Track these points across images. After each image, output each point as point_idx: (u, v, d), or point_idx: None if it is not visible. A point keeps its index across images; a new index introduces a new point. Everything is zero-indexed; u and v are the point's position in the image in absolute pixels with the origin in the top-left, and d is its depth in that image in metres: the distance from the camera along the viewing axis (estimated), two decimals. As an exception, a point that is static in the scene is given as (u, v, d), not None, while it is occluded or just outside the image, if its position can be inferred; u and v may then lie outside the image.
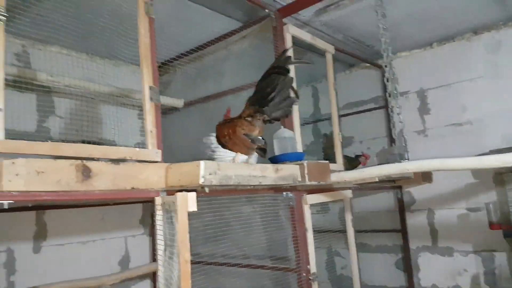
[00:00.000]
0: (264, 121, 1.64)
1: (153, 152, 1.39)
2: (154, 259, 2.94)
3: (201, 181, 1.30)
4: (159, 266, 1.31)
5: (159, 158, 1.41)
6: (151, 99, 1.44)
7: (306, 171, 1.86)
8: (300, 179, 1.86)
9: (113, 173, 1.21)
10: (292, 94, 1.72)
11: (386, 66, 1.99)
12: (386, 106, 3.62)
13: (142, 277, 2.83)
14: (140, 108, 2.98)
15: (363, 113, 3.75)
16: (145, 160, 1.36)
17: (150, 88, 1.45)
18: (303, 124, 4.00)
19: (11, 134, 1.09)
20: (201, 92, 2.97)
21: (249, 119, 1.61)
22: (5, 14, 1.14)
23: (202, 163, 1.32)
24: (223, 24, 2.56)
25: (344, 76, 3.88)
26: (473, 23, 2.99)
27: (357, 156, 3.04)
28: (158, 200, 1.35)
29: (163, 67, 2.93)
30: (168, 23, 2.45)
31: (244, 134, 1.59)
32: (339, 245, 3.69)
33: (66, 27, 2.08)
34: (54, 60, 2.55)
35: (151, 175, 1.34)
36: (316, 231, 3.22)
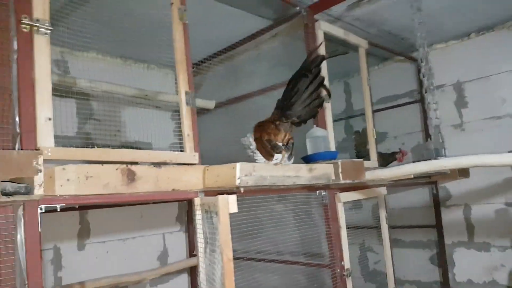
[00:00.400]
0: (293, 123, 1.64)
1: (190, 155, 1.44)
2: (191, 254, 3.03)
3: (237, 182, 1.34)
4: (200, 263, 1.36)
5: (196, 161, 1.46)
6: (187, 103, 1.49)
7: (340, 170, 1.86)
8: (334, 178, 1.86)
9: (155, 176, 1.26)
10: (323, 93, 1.72)
11: (422, 61, 1.94)
12: (421, 100, 3.53)
13: (180, 272, 2.93)
14: (174, 110, 3.06)
15: (397, 108, 3.68)
16: (183, 163, 1.41)
17: (186, 93, 1.49)
18: (335, 120, 3.97)
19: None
20: (232, 93, 3.01)
21: (277, 122, 1.62)
22: (49, 27, 1.21)
23: (238, 165, 1.36)
24: (253, 24, 2.57)
25: (377, 71, 3.80)
26: (514, 11, 2.85)
27: (394, 153, 2.98)
28: (197, 201, 1.40)
29: (194, 69, 2.98)
30: (197, 24, 2.48)
31: (266, 139, 1.60)
32: (372, 240, 3.66)
33: (101, 34, 2.17)
34: (91, 66, 2.66)
35: (190, 177, 1.39)
36: (349, 227, 3.22)
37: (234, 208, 1.24)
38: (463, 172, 3.17)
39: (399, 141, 3.69)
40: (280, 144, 1.60)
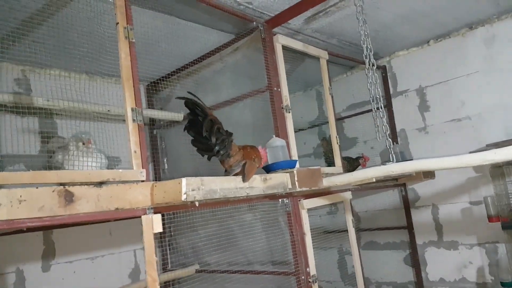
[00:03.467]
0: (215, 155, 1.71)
1: (137, 172, 1.45)
2: (164, 269, 3.00)
3: (183, 197, 1.35)
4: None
5: (143, 178, 1.46)
6: (133, 120, 1.50)
7: (296, 179, 1.88)
8: (290, 187, 1.89)
9: (96, 196, 1.26)
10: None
11: (368, 72, 1.99)
12: (387, 106, 3.60)
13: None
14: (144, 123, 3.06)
15: (365, 114, 3.74)
16: (129, 181, 1.41)
17: (132, 110, 1.51)
18: (309, 127, 4.03)
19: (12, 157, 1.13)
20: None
21: None
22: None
23: (184, 180, 1.37)
24: (216, 38, 2.61)
25: (345, 78, 3.87)
26: (467, 18, 2.95)
27: (358, 158, 3.05)
28: (144, 219, 1.40)
29: (163, 82, 3.02)
30: (165, 40, 2.52)
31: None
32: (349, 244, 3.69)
33: (63, 51, 2.16)
34: (54, 83, 2.64)
35: (136, 195, 1.39)
36: (327, 232, 3.25)
37: (158, 228, 1.25)
38: (428, 174, 3.24)
39: (369, 145, 3.75)
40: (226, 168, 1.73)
